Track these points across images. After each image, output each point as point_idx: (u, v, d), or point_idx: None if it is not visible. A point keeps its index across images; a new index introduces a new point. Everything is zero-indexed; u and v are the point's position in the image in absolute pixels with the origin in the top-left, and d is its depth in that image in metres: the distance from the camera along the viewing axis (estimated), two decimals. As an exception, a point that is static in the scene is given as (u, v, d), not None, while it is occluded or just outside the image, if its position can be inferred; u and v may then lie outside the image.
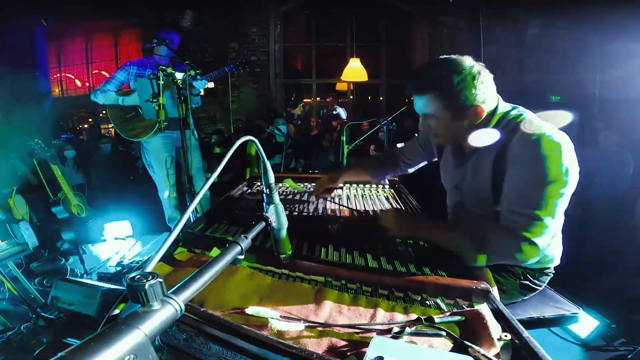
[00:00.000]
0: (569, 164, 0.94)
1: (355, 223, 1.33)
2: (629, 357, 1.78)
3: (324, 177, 1.53)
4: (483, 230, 1.03)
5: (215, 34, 6.00)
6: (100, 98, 2.78)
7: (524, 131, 0.98)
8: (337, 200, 1.58)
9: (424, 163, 1.57)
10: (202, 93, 2.83)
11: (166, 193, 2.94)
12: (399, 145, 1.64)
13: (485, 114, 1.04)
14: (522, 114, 1.05)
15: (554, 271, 1.25)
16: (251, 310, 0.79)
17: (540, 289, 1.24)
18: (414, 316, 0.78)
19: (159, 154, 2.85)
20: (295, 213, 1.40)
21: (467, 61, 1.02)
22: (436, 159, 1.47)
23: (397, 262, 1.03)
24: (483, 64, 1.04)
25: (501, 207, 1.02)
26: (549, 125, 0.99)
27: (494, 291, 0.87)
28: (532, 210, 0.94)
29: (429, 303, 0.84)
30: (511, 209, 0.99)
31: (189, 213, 0.57)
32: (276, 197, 0.77)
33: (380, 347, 0.61)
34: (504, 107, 1.09)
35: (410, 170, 1.60)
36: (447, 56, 1.05)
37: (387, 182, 1.66)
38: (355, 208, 1.44)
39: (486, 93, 1.02)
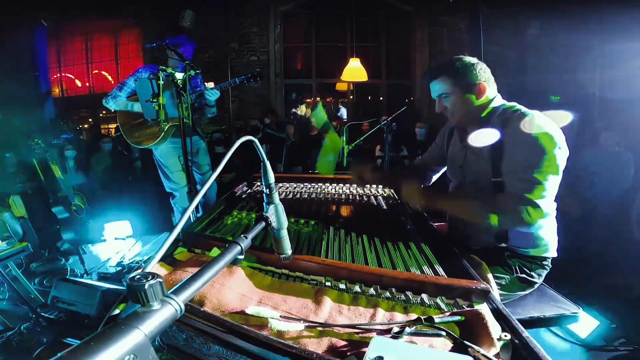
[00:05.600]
0: (558, 139, 1.11)
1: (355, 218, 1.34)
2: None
3: (366, 167, 1.63)
4: (492, 198, 1.20)
5: (215, 34, 6.00)
6: (111, 104, 2.76)
7: (519, 113, 1.19)
8: (337, 200, 1.58)
9: (444, 169, 1.63)
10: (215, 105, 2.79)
11: (176, 194, 2.95)
12: (419, 157, 1.80)
13: (486, 93, 1.26)
14: (514, 105, 1.26)
15: (550, 265, 1.27)
16: (251, 310, 0.79)
17: (538, 282, 1.26)
18: (414, 316, 0.79)
19: (168, 158, 2.86)
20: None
21: (467, 57, 1.30)
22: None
23: (395, 249, 1.03)
24: (480, 61, 1.30)
25: (504, 175, 1.19)
26: (537, 112, 1.18)
27: (491, 280, 0.87)
28: (531, 174, 1.10)
29: (429, 303, 0.84)
30: (514, 174, 1.15)
31: (189, 213, 0.57)
32: (276, 197, 0.77)
33: (380, 347, 0.61)
34: (500, 101, 1.30)
35: (434, 178, 1.69)
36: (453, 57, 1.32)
37: None
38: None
39: (485, 76, 1.27)
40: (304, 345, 0.68)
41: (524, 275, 1.24)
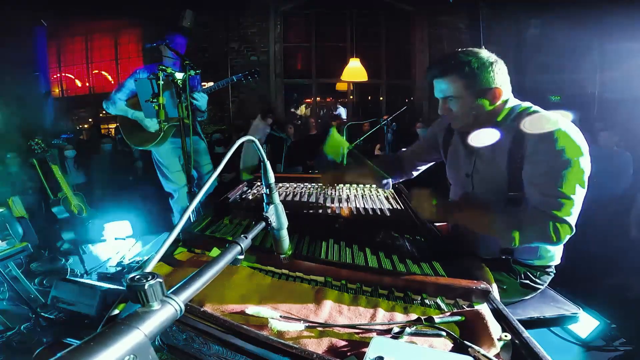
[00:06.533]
0: (583, 146, 1.05)
1: (356, 220, 1.34)
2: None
3: (330, 174, 1.63)
4: (517, 213, 1.09)
5: (215, 34, 6.00)
6: (111, 109, 2.77)
7: (538, 116, 1.09)
8: (337, 200, 1.59)
9: (427, 165, 1.59)
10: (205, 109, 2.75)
11: (177, 194, 2.95)
12: (403, 149, 1.67)
13: (502, 97, 1.12)
14: (531, 106, 1.14)
15: (555, 271, 1.25)
16: (251, 310, 0.79)
17: (542, 288, 1.25)
18: (414, 316, 0.78)
19: (167, 159, 2.86)
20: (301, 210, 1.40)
21: (484, 51, 1.14)
22: (440, 160, 1.48)
23: (395, 258, 1.03)
24: (498, 57, 1.14)
25: (525, 186, 1.09)
26: (557, 114, 1.09)
27: (494, 289, 0.87)
28: (558, 189, 1.02)
29: (429, 303, 0.84)
30: (537, 187, 1.06)
31: (189, 213, 0.57)
32: (276, 197, 0.77)
33: (380, 347, 0.61)
34: (514, 101, 1.17)
35: (415, 174, 1.63)
36: (466, 48, 1.16)
37: (390, 186, 1.66)
38: (356, 206, 1.46)
39: (502, 78, 1.12)
40: (304, 346, 0.68)
41: (527, 281, 1.21)
